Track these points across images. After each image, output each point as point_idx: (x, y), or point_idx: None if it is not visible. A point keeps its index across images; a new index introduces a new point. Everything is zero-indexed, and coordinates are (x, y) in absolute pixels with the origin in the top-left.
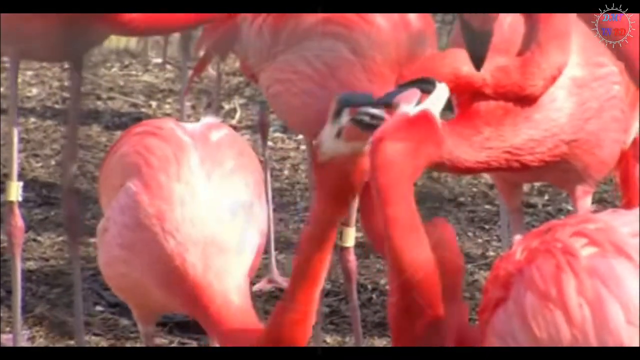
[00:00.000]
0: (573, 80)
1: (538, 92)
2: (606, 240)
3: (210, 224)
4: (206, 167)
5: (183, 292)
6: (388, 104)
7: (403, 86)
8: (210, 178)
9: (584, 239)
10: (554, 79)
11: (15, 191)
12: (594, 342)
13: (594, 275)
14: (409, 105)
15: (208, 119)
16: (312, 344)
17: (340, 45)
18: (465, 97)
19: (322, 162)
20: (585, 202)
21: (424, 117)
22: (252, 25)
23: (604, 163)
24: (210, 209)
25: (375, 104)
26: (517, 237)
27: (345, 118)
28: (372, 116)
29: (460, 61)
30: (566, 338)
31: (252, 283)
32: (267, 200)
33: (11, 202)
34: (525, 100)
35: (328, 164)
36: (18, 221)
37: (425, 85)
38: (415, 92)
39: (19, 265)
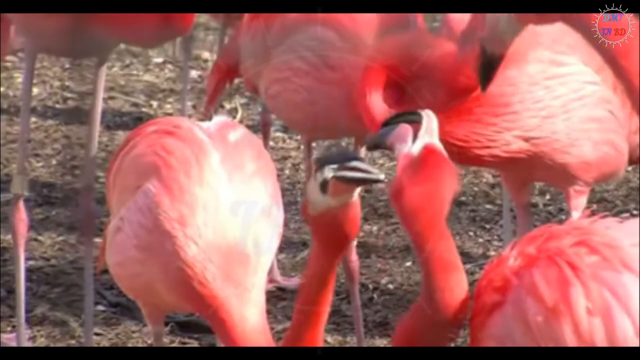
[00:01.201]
0: (525, 78)
1: (466, 82)
2: (613, 256)
3: (231, 231)
4: (227, 169)
5: (200, 300)
6: (381, 146)
7: (387, 124)
8: (232, 181)
9: (585, 249)
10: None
11: (20, 184)
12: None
13: (601, 284)
14: (405, 144)
15: (221, 118)
16: None
17: (327, 31)
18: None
19: (313, 216)
20: (579, 201)
21: (430, 153)
22: (248, 30)
23: (587, 164)
24: (232, 214)
25: (354, 158)
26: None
27: (328, 173)
28: (355, 169)
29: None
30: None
31: None
32: None
33: (16, 195)
34: (456, 90)
35: (320, 217)
36: (22, 215)
37: (411, 117)
38: (407, 129)
39: (22, 259)
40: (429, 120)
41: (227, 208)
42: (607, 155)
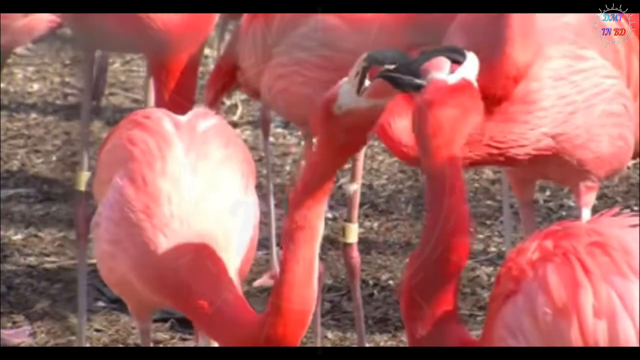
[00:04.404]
0: (550, 73)
1: (501, 93)
2: (623, 261)
3: (199, 220)
4: (192, 160)
5: (173, 289)
6: (416, 72)
7: (427, 53)
8: (197, 171)
9: (600, 250)
10: (517, 79)
11: (83, 181)
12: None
13: (610, 287)
14: (441, 73)
15: (198, 109)
16: (313, 340)
17: (331, 18)
18: None
19: (334, 116)
20: (588, 198)
21: (466, 85)
22: (248, 31)
23: (602, 159)
24: (198, 204)
25: (404, 69)
26: (526, 232)
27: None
28: (415, 85)
29: None
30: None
31: (253, 279)
32: (269, 196)
33: (79, 192)
34: (492, 100)
35: (341, 118)
36: (84, 210)
37: (454, 55)
38: (444, 61)
39: (84, 257)
40: (472, 63)
41: (192, 199)
42: (620, 150)
